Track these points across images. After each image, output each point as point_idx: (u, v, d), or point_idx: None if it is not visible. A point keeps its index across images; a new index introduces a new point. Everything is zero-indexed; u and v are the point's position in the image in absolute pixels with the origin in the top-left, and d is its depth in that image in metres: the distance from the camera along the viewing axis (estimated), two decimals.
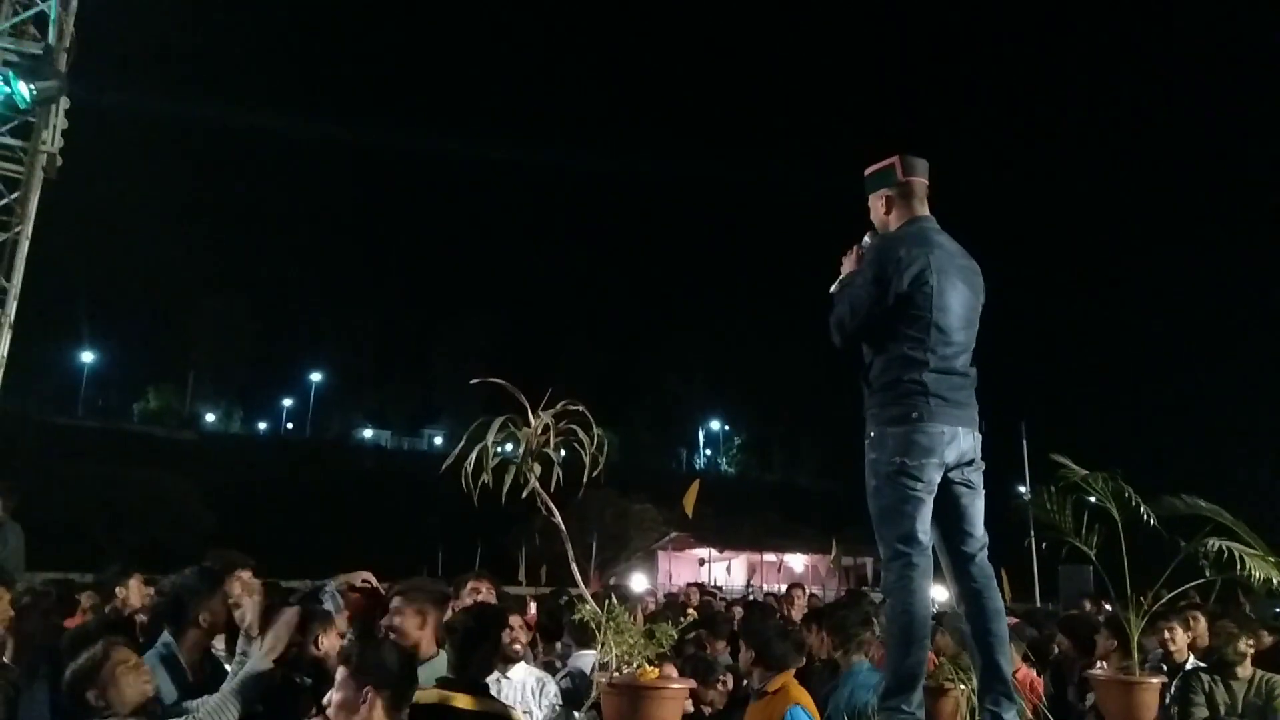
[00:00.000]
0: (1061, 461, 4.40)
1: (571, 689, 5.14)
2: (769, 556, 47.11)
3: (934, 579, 3.48)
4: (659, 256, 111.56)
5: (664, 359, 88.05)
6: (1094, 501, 4.40)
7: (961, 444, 3.45)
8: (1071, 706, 5.96)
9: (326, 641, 3.98)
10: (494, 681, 4.42)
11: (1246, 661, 5.32)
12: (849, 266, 3.70)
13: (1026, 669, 5.88)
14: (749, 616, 7.02)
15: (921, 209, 3.68)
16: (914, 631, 3.31)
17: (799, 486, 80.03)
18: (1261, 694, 5.16)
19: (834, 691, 4.87)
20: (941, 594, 3.79)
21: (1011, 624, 6.19)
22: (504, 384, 3.35)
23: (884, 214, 3.70)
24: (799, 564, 45.93)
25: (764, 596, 13.99)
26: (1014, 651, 5.66)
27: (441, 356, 79.17)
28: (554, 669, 5.80)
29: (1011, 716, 3.32)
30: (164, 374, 73.08)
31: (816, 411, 75.31)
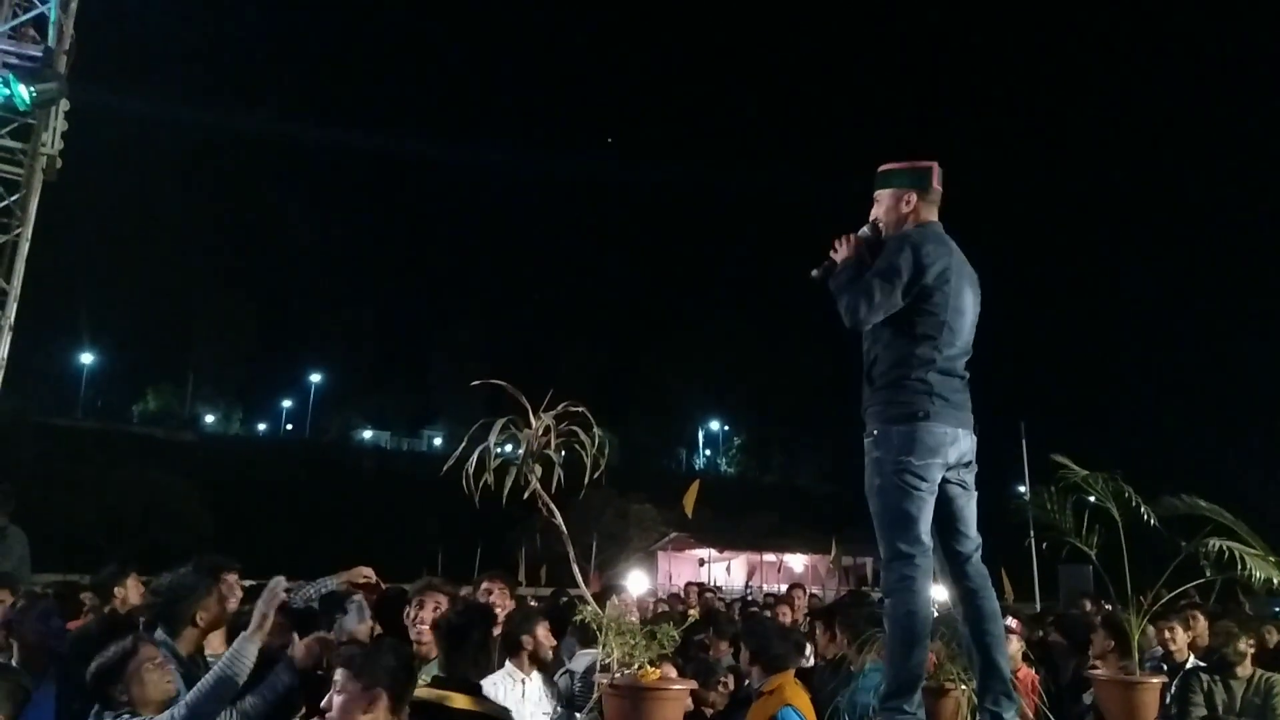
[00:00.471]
0: (1061, 461, 4.41)
1: (572, 689, 5.13)
2: (769, 557, 47.05)
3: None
4: (659, 257, 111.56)
5: (664, 360, 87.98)
6: (1094, 501, 4.41)
7: (961, 445, 3.46)
8: (1068, 707, 5.96)
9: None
10: (519, 683, 4.43)
11: (1246, 661, 5.33)
12: (844, 254, 3.66)
13: (1027, 669, 5.88)
14: (748, 618, 7.01)
15: (935, 216, 3.71)
16: (916, 632, 3.31)
17: (799, 487, 79.94)
18: (1260, 693, 5.18)
19: (845, 689, 4.85)
20: (942, 595, 3.79)
21: (1013, 625, 6.21)
22: (504, 385, 3.36)
23: (903, 211, 3.66)
24: (799, 564, 45.86)
25: (763, 597, 13.97)
26: (1016, 651, 5.68)
27: (441, 358, 79.07)
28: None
29: (1011, 716, 3.33)
30: (163, 375, 73.03)
31: (816, 412, 75.43)
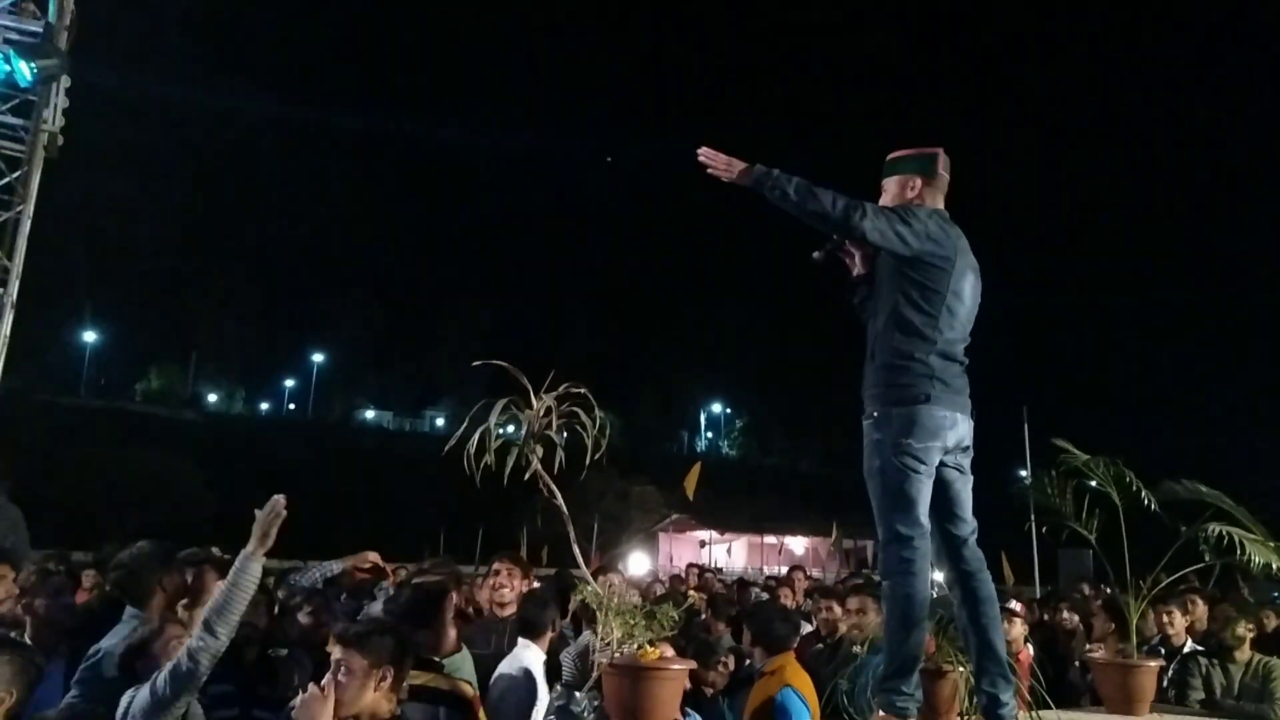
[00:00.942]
0: (1063, 446, 4.43)
1: (572, 669, 5.15)
2: (769, 539, 47.24)
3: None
4: (661, 239, 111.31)
5: (666, 342, 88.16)
6: (1094, 486, 4.43)
7: (960, 429, 3.46)
8: (1072, 685, 6.00)
9: None
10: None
11: (1245, 645, 5.35)
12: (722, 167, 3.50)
13: (1028, 651, 5.90)
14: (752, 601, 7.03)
15: (941, 203, 3.69)
16: (914, 614, 3.33)
17: (800, 469, 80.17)
18: (1258, 677, 5.20)
19: (844, 671, 4.86)
20: (940, 578, 3.80)
21: (1017, 608, 6.23)
22: (506, 366, 3.36)
23: (908, 196, 3.64)
24: (799, 546, 46.08)
25: (764, 579, 14.01)
26: (1019, 634, 5.70)
27: (443, 338, 79.14)
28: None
29: (1009, 697, 3.34)
30: (166, 354, 73.12)
31: (818, 395, 75.32)
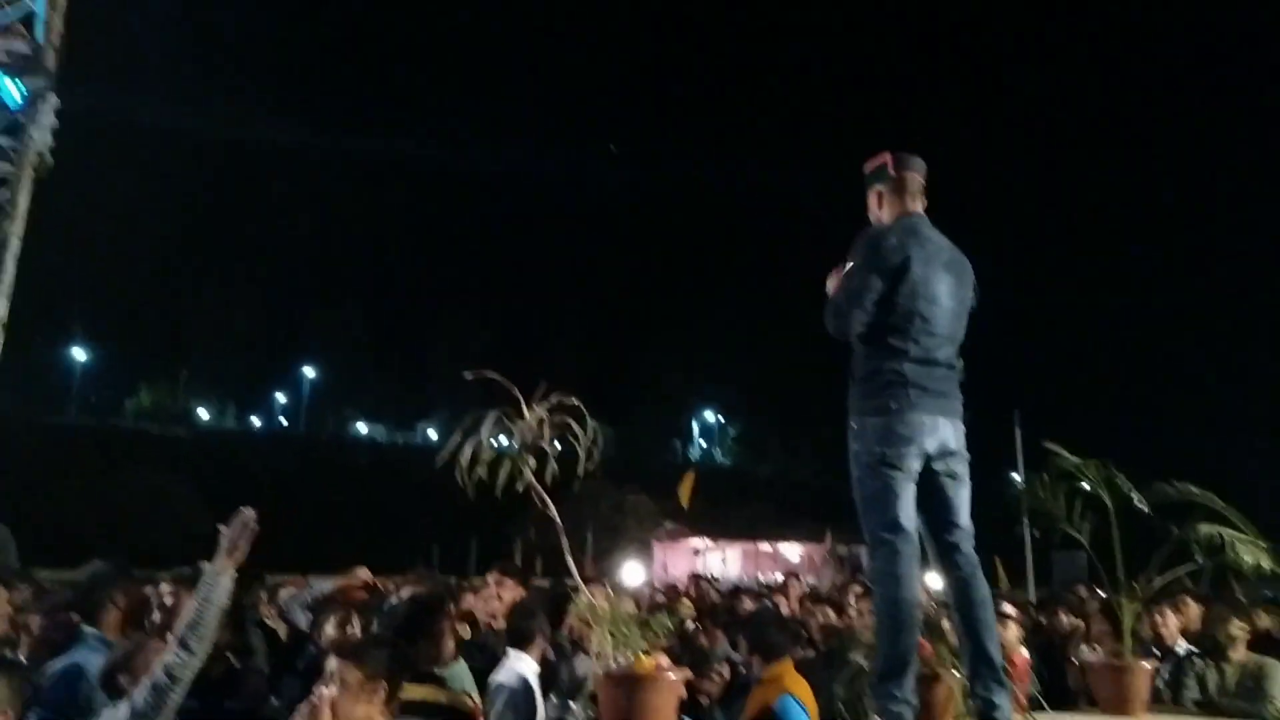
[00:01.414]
0: (1055, 449, 4.45)
1: (567, 679, 5.16)
2: (764, 546, 47.17)
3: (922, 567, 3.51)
4: (653, 249, 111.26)
5: (658, 351, 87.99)
6: (1087, 488, 4.45)
7: (942, 433, 3.46)
8: (1069, 688, 6.00)
9: None
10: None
11: (1239, 645, 5.36)
12: (832, 286, 3.70)
13: (1024, 655, 5.90)
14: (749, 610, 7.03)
15: (913, 205, 3.70)
16: (901, 617, 3.34)
17: (794, 477, 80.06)
18: (1253, 677, 5.21)
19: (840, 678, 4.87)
20: (935, 582, 3.81)
21: (1012, 612, 6.24)
22: (498, 378, 3.37)
23: (876, 209, 3.75)
24: (794, 554, 46.00)
25: (759, 587, 14.01)
26: (1014, 638, 5.71)
27: (436, 351, 78.92)
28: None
29: (1003, 701, 3.35)
30: (156, 370, 72.79)
31: (811, 402, 75.29)
